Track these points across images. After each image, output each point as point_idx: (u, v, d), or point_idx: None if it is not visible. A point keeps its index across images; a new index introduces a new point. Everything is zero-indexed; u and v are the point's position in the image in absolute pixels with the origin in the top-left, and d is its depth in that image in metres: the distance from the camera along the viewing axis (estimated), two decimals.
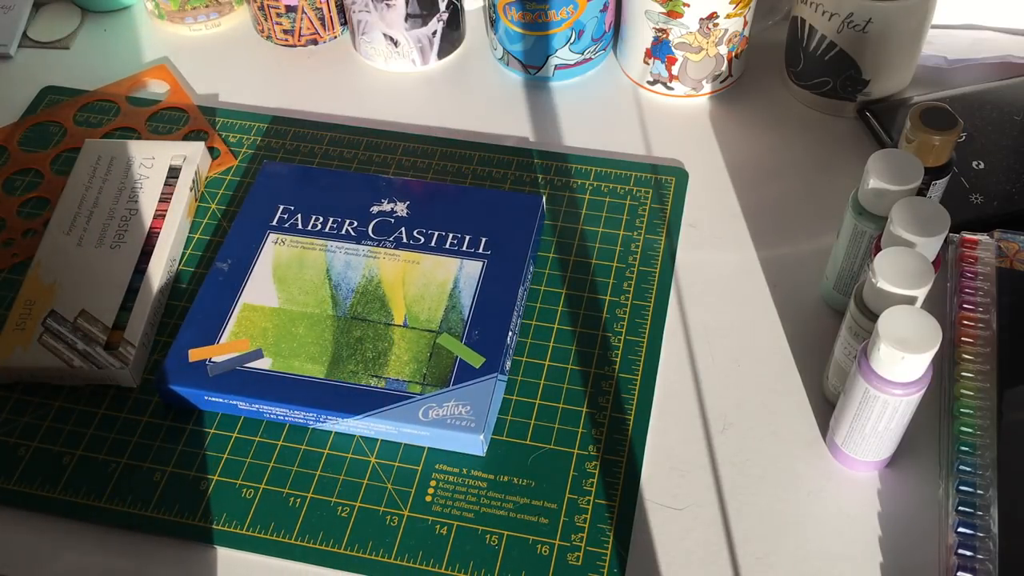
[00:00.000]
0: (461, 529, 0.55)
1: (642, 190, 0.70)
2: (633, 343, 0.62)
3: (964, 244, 0.63)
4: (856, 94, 0.73)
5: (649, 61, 0.75)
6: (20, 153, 0.74)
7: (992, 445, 0.54)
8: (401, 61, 0.79)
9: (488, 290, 0.62)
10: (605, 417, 0.59)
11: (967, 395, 0.56)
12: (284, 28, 0.81)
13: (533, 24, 0.74)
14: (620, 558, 0.53)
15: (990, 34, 0.78)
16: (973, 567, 0.50)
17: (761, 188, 0.71)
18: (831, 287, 0.62)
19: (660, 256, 0.66)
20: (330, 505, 0.56)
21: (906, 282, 0.50)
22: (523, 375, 0.61)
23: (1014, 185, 0.67)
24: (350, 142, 0.74)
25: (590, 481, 0.56)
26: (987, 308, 0.60)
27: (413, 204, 0.67)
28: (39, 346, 0.61)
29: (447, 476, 0.57)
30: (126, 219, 0.67)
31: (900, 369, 0.48)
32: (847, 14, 0.68)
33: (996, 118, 0.71)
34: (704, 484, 0.56)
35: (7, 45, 0.82)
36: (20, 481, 0.57)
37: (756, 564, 0.53)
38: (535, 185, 0.71)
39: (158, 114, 0.77)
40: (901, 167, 0.54)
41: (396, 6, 0.75)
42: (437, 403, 0.57)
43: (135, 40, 0.83)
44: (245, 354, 0.60)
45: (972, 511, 0.52)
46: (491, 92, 0.78)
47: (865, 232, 0.57)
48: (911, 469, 0.56)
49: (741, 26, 0.72)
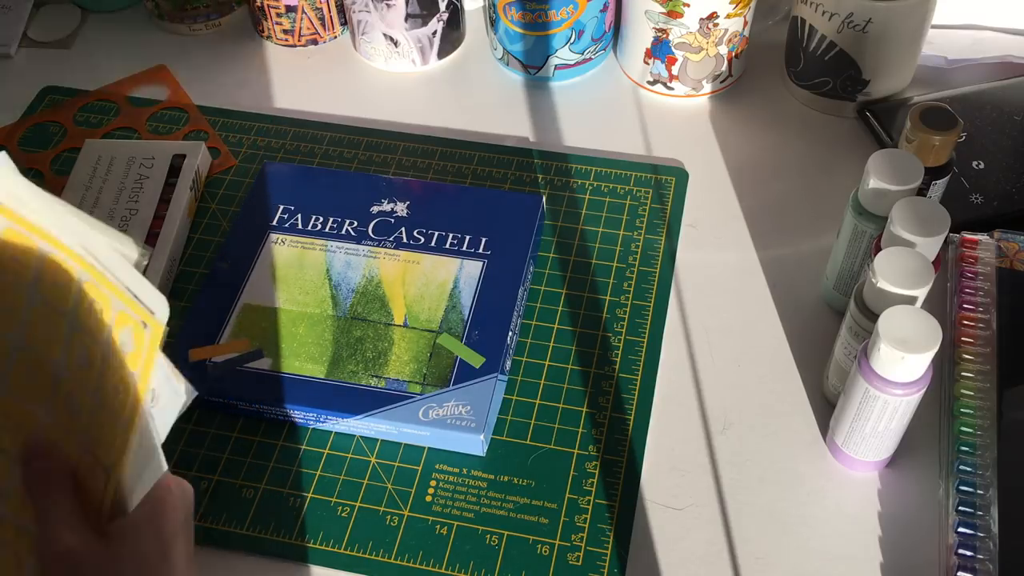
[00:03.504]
0: (461, 529, 0.55)
1: (642, 190, 0.70)
2: (633, 343, 0.62)
3: (964, 244, 0.63)
4: (856, 94, 0.73)
5: (649, 61, 0.75)
6: (20, 153, 0.74)
7: (992, 445, 0.54)
8: (401, 61, 0.79)
9: (488, 290, 0.62)
10: (605, 417, 0.59)
11: (967, 395, 0.56)
12: (284, 28, 0.81)
13: (533, 24, 0.74)
14: (620, 558, 0.53)
15: (990, 34, 0.78)
16: (973, 567, 0.50)
17: (761, 188, 0.71)
18: (831, 287, 0.62)
19: (660, 256, 0.66)
20: (330, 505, 0.56)
21: (906, 282, 0.50)
22: (523, 375, 0.61)
23: (1014, 185, 0.67)
24: (350, 142, 0.74)
25: (590, 481, 0.56)
26: (987, 308, 0.60)
27: (413, 204, 0.67)
28: None
29: (447, 476, 0.57)
30: (126, 219, 0.67)
31: (900, 369, 0.48)
32: (847, 14, 0.68)
33: (996, 118, 0.71)
34: (704, 484, 0.56)
35: (7, 45, 0.82)
36: None
37: (756, 564, 0.53)
38: (535, 185, 0.71)
39: (158, 114, 0.77)
40: (901, 167, 0.54)
41: (396, 6, 0.75)
42: (437, 403, 0.57)
43: (135, 40, 0.83)
44: (245, 354, 0.60)
45: (972, 511, 0.52)
46: (491, 92, 0.78)
47: (865, 232, 0.57)
48: (911, 469, 0.56)
49: (741, 26, 0.72)
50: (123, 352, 0.45)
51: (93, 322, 0.45)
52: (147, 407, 0.46)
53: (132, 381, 0.45)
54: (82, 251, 0.45)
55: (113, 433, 0.45)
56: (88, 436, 0.45)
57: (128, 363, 0.45)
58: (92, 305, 0.44)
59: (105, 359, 0.45)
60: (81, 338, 0.44)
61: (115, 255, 0.46)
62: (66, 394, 0.45)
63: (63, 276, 0.44)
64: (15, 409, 0.44)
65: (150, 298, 0.46)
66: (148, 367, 0.46)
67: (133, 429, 0.45)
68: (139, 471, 0.46)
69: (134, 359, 0.45)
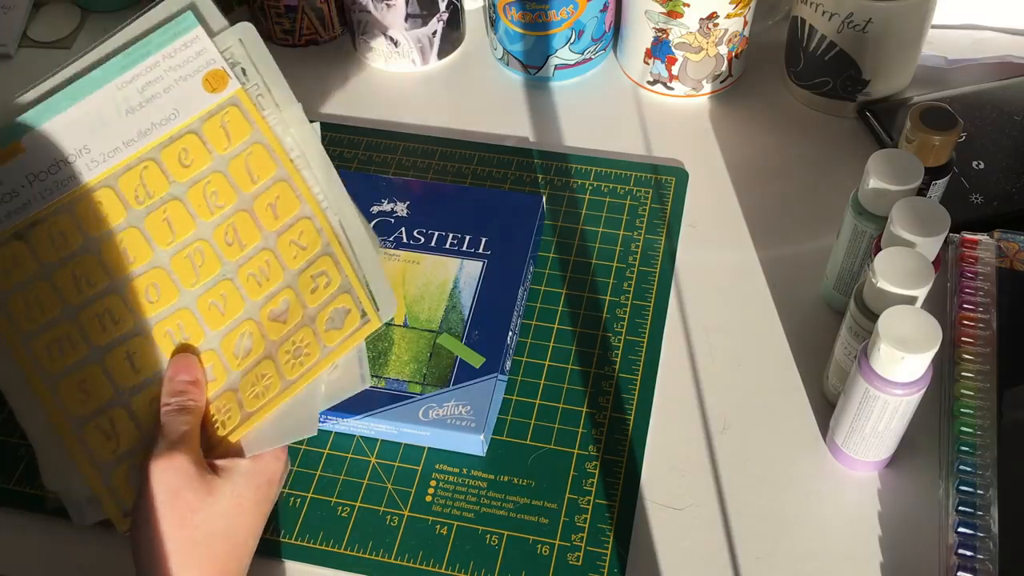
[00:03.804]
0: (461, 529, 0.55)
1: (642, 190, 0.70)
2: (633, 343, 0.62)
3: (964, 244, 0.63)
4: (856, 94, 0.73)
5: (649, 61, 0.75)
6: None
7: (992, 445, 0.54)
8: (401, 61, 0.79)
9: (488, 290, 0.62)
10: (605, 417, 0.59)
11: (967, 395, 0.56)
12: (284, 28, 0.81)
13: (533, 24, 0.74)
14: (620, 558, 0.53)
15: (990, 34, 0.78)
16: (973, 567, 0.50)
17: (761, 188, 0.71)
18: (831, 287, 0.62)
19: (660, 256, 0.66)
20: (330, 505, 0.56)
21: (906, 282, 0.50)
22: (523, 375, 0.61)
23: (1014, 185, 0.67)
24: (350, 142, 0.74)
25: (590, 481, 0.56)
26: (987, 308, 0.60)
27: (413, 204, 0.67)
28: None
29: (447, 476, 0.57)
30: None
31: (900, 369, 0.48)
32: (847, 14, 0.68)
33: (996, 118, 0.71)
34: (704, 484, 0.56)
35: (7, 45, 0.82)
36: (20, 481, 0.57)
37: (756, 564, 0.53)
38: (535, 185, 0.71)
39: None
40: (901, 167, 0.54)
41: (396, 6, 0.75)
42: (437, 403, 0.57)
43: None
44: None
45: (972, 511, 0.52)
46: (491, 92, 0.78)
47: (865, 232, 0.57)
48: (911, 469, 0.56)
49: (741, 26, 0.72)
50: (325, 326, 0.48)
51: (309, 288, 0.48)
52: (322, 375, 0.48)
53: (317, 352, 0.48)
54: (338, 226, 0.49)
55: (269, 389, 0.48)
56: (244, 379, 0.47)
57: (324, 337, 0.47)
58: (318, 274, 0.48)
59: (301, 324, 0.48)
60: (288, 295, 0.47)
61: (368, 244, 0.48)
62: (243, 333, 0.46)
63: (307, 238, 0.47)
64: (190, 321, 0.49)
65: (381, 295, 0.48)
66: (343, 348, 0.48)
67: (291, 391, 0.47)
68: (278, 428, 0.48)
69: (333, 336, 0.48)
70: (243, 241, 0.49)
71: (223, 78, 0.50)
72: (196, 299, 0.49)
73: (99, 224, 0.48)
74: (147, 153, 0.49)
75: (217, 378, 0.49)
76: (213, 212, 0.49)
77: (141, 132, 0.49)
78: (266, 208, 0.49)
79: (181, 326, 0.49)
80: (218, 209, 0.49)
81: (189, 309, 0.49)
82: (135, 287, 0.48)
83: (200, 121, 0.50)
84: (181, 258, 0.49)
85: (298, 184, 0.49)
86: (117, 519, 0.49)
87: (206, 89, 0.50)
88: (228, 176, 0.49)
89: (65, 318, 0.48)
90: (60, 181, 0.48)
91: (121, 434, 0.48)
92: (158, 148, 0.49)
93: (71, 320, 0.48)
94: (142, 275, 0.49)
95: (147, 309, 0.49)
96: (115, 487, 0.49)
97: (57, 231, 0.48)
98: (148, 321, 0.49)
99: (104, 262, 0.48)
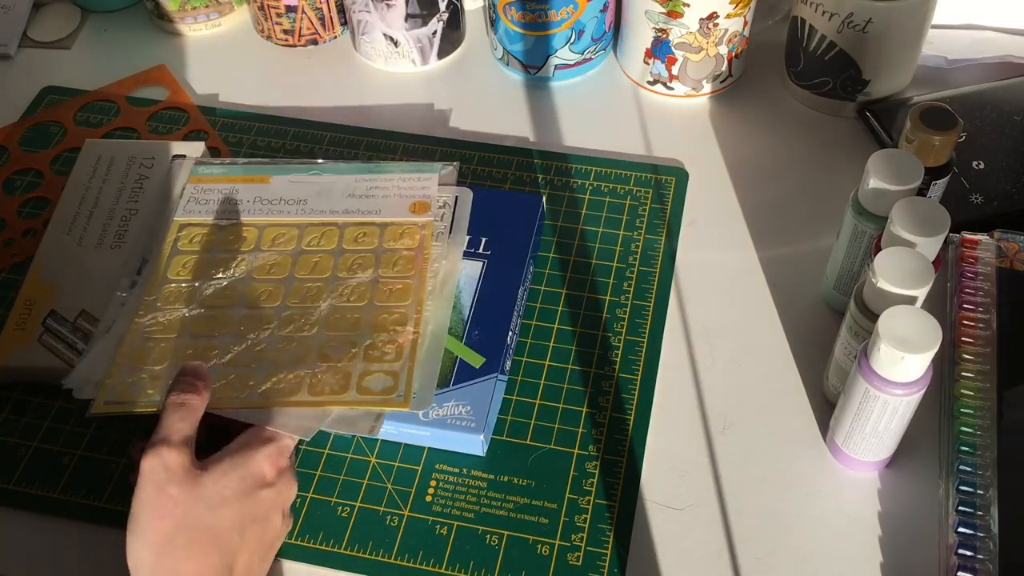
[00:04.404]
0: (461, 529, 0.55)
1: (642, 190, 0.70)
2: (633, 343, 0.62)
3: (964, 244, 0.63)
4: (856, 94, 0.73)
5: (649, 61, 0.75)
6: (20, 153, 0.74)
7: (992, 445, 0.54)
8: (401, 61, 0.79)
9: (488, 290, 0.62)
10: (605, 417, 0.59)
11: (967, 395, 0.56)
12: (284, 28, 0.81)
13: (533, 24, 0.74)
14: (620, 558, 0.53)
15: (990, 34, 0.78)
16: (973, 567, 0.50)
17: (761, 188, 0.71)
18: (831, 287, 0.62)
19: (660, 256, 0.66)
20: (330, 505, 0.56)
21: (906, 282, 0.50)
22: (523, 375, 0.61)
23: (1014, 185, 0.67)
24: (350, 142, 0.74)
25: (590, 481, 0.56)
26: (987, 308, 0.60)
27: None
28: (39, 346, 0.61)
29: (447, 476, 0.57)
30: (126, 219, 0.67)
31: (900, 369, 0.48)
32: (847, 14, 0.68)
33: (996, 118, 0.71)
34: (704, 484, 0.56)
35: (7, 45, 0.82)
36: (20, 481, 0.57)
37: (756, 564, 0.53)
38: (535, 185, 0.71)
39: (158, 114, 0.77)
40: (901, 167, 0.54)
41: (396, 6, 0.75)
42: (437, 403, 0.57)
43: (135, 40, 0.83)
44: None
45: (972, 511, 0.52)
46: (491, 92, 0.78)
47: (865, 232, 0.57)
48: (911, 469, 0.56)
49: (741, 26, 0.72)
50: (362, 381, 0.56)
51: (374, 349, 0.57)
52: (354, 396, 0.55)
53: (343, 394, 0.55)
54: (426, 329, 0.58)
55: (284, 392, 0.55)
56: (269, 372, 0.56)
57: (357, 387, 0.55)
58: (387, 341, 0.57)
59: (345, 368, 0.56)
60: (353, 344, 0.57)
61: (439, 356, 0.58)
62: (303, 337, 0.58)
63: (400, 323, 0.58)
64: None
65: (424, 391, 0.56)
66: (363, 404, 0.55)
67: (302, 405, 0.55)
68: (278, 417, 0.54)
69: (364, 391, 0.55)
70: (350, 297, 0.59)
71: (426, 207, 0.64)
72: (283, 313, 0.59)
73: (267, 243, 0.62)
74: (339, 223, 0.63)
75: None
76: (347, 272, 0.61)
77: (347, 211, 0.64)
78: (387, 290, 0.60)
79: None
80: (352, 272, 0.61)
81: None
82: (256, 289, 0.61)
83: (388, 224, 0.63)
84: (301, 287, 0.60)
85: (420, 291, 0.60)
86: (97, 404, 0.55)
87: (410, 209, 0.63)
88: (377, 258, 0.61)
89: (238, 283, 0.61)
90: (272, 209, 0.64)
91: (156, 359, 0.57)
92: (347, 224, 0.63)
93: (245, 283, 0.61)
94: (269, 283, 0.61)
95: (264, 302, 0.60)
96: (114, 386, 0.56)
97: (240, 234, 0.63)
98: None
99: (252, 272, 0.61)
